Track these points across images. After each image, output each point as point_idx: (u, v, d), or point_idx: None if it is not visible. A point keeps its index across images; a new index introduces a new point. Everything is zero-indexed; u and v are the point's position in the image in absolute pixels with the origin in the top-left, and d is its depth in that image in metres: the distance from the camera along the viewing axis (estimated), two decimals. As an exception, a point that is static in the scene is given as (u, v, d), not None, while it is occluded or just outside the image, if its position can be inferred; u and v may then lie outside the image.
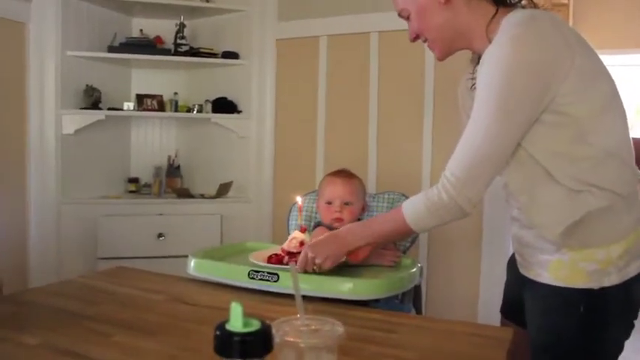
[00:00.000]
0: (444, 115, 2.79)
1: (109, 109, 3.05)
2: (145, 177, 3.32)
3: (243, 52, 3.16)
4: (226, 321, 0.67)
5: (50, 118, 2.86)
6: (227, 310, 1.24)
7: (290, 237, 1.42)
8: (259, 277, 1.37)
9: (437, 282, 2.76)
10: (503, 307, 1.48)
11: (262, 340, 0.65)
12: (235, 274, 1.41)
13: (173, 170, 3.31)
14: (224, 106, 3.18)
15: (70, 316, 1.19)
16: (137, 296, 1.35)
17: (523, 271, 1.28)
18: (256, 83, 3.15)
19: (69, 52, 2.91)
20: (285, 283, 1.35)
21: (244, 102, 3.19)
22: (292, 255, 1.38)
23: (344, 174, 1.79)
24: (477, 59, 1.34)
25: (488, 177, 1.16)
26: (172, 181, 3.27)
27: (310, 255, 1.32)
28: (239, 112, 3.20)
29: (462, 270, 2.74)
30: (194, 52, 3.12)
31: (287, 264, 1.38)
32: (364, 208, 1.80)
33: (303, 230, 1.41)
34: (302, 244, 1.38)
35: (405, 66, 2.86)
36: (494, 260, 2.68)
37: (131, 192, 3.25)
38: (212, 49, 3.16)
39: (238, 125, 3.17)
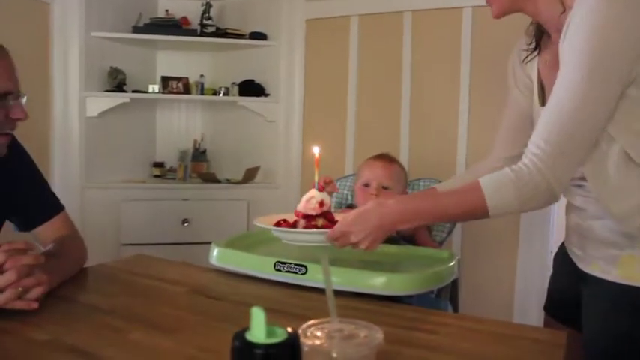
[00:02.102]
0: (480, 98, 2.65)
1: (134, 91, 2.98)
2: (170, 161, 3.26)
3: (271, 33, 3.05)
4: (246, 329, 0.57)
5: (74, 101, 2.81)
6: (249, 305, 1.14)
7: (306, 196, 1.16)
8: (286, 268, 1.27)
9: (470, 277, 2.64)
10: (548, 305, 1.35)
11: (289, 352, 0.55)
12: (260, 265, 1.31)
13: (199, 155, 3.23)
14: (251, 89, 3.08)
15: (84, 310, 1.11)
16: (156, 287, 1.27)
17: (583, 266, 1.15)
18: (285, 65, 3.04)
19: (93, 33, 2.84)
20: (314, 276, 1.25)
21: (272, 85, 3.09)
22: (310, 218, 1.14)
23: (385, 158, 1.70)
24: (533, 30, 1.22)
25: (582, 151, 1.00)
26: (198, 165, 3.19)
27: (344, 229, 1.05)
28: (267, 95, 3.10)
29: (498, 264, 2.61)
30: (221, 33, 3.02)
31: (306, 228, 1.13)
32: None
33: (321, 188, 1.16)
34: (322, 204, 1.14)
35: (439, 47, 2.72)
36: (532, 255, 2.54)
37: (156, 177, 3.18)
38: (239, 30, 3.06)
39: (266, 109, 3.07)
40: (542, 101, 1.19)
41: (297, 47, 3.02)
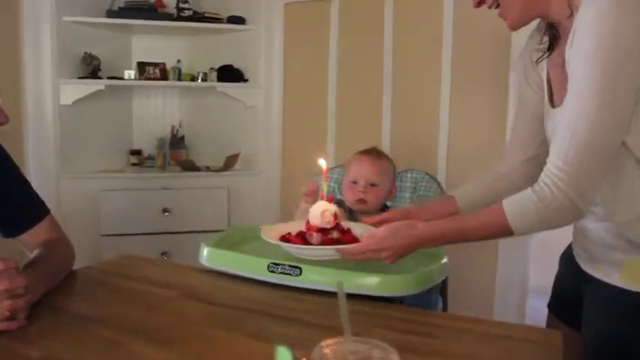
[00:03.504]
0: (462, 83, 2.64)
1: (109, 78, 2.90)
2: (148, 149, 3.19)
3: (249, 17, 2.99)
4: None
5: (47, 89, 2.72)
6: (246, 309, 1.13)
7: (317, 210, 1.19)
8: (280, 270, 1.25)
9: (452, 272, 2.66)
10: (553, 304, 1.36)
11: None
12: (253, 266, 1.29)
13: (177, 142, 3.17)
14: (230, 74, 3.02)
15: (75, 320, 1.07)
16: (147, 292, 1.24)
17: (587, 267, 1.16)
18: (264, 50, 2.99)
19: (65, 18, 2.74)
20: (308, 277, 1.23)
21: (251, 70, 3.04)
22: (326, 232, 1.19)
23: (373, 153, 1.67)
24: (544, 28, 1.20)
25: (603, 164, 0.99)
26: (176, 153, 3.14)
27: (374, 247, 1.12)
28: (245, 80, 3.05)
29: (479, 256, 2.63)
30: (198, 17, 2.95)
31: (325, 243, 1.19)
32: (392, 192, 1.68)
33: (330, 200, 1.22)
34: (336, 216, 1.19)
35: (421, 31, 2.70)
36: (512, 252, 2.56)
37: (133, 164, 3.12)
38: (217, 14, 2.99)
39: (245, 94, 3.02)
40: (552, 103, 1.18)
41: (277, 31, 2.97)
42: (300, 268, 1.24)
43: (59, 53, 2.74)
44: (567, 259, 1.29)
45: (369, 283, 1.22)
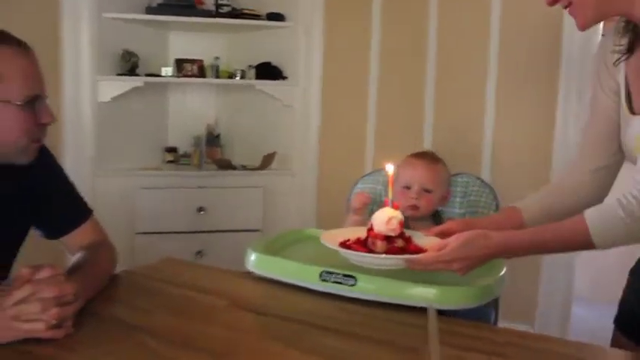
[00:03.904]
0: (509, 83, 2.55)
1: (147, 74, 2.87)
2: (183, 146, 3.16)
3: (289, 14, 2.93)
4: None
5: (86, 85, 2.70)
6: (299, 322, 1.07)
7: (383, 216, 1.12)
8: (333, 279, 1.19)
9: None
10: (620, 320, 1.27)
11: None
12: (305, 274, 1.23)
13: (213, 140, 3.14)
14: (268, 71, 2.97)
15: (121, 329, 1.02)
16: (195, 300, 1.18)
17: None
18: (303, 47, 2.93)
19: (105, 14, 2.72)
20: (363, 288, 1.16)
21: (290, 68, 2.98)
22: (391, 240, 1.12)
23: (428, 157, 1.60)
24: (623, 29, 1.11)
25: None
26: (212, 151, 3.10)
27: (447, 258, 1.06)
28: (284, 78, 2.99)
29: (522, 267, 2.53)
30: (236, 14, 2.91)
31: (390, 252, 1.13)
32: (446, 198, 1.60)
33: (396, 207, 1.15)
34: (402, 224, 1.13)
35: (467, 26, 2.61)
36: (556, 259, 2.45)
37: (169, 162, 3.09)
38: (255, 10, 2.94)
39: (283, 92, 2.97)
40: (631, 109, 1.09)
41: (316, 28, 2.90)
42: (354, 278, 1.17)
43: (98, 50, 2.72)
44: (639, 274, 1.20)
45: (428, 295, 1.14)
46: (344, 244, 1.18)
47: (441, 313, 1.17)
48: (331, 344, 0.99)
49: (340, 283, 1.19)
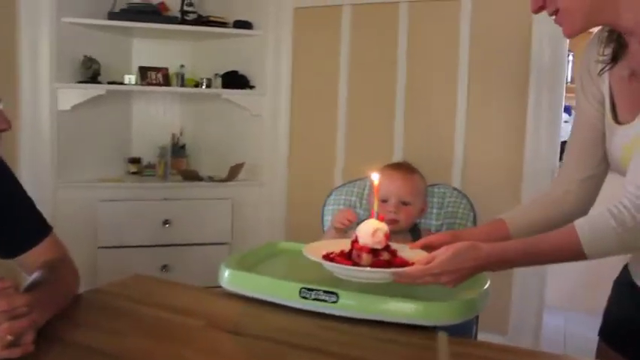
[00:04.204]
0: (480, 92, 2.55)
1: (109, 82, 2.77)
2: (147, 157, 3.06)
3: (257, 22, 2.88)
4: None
5: (44, 93, 2.59)
6: (281, 342, 1.01)
7: (369, 228, 1.08)
8: (313, 296, 1.13)
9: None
10: (604, 330, 1.26)
11: None
12: (283, 291, 1.17)
13: (178, 150, 3.05)
14: (235, 80, 2.91)
15: (88, 354, 0.95)
16: (169, 321, 1.11)
17: None
18: (271, 56, 2.88)
19: (64, 19, 2.61)
20: (345, 305, 1.11)
21: (258, 77, 2.93)
22: (377, 253, 1.07)
23: (404, 168, 1.55)
24: (606, 38, 1.09)
25: None
26: (177, 161, 3.01)
27: (436, 271, 1.02)
28: (251, 87, 2.93)
29: (494, 277, 2.53)
30: (203, 21, 2.84)
31: (376, 265, 1.09)
32: (424, 210, 1.56)
33: (381, 219, 1.12)
34: (387, 237, 1.09)
35: (437, 40, 2.61)
36: (528, 269, 2.45)
37: (132, 173, 2.99)
38: (222, 18, 2.88)
39: (251, 102, 2.91)
40: (616, 119, 1.07)
41: (285, 37, 2.86)
42: (336, 294, 1.12)
43: (57, 56, 2.61)
44: (624, 284, 1.19)
45: (412, 311, 1.10)
46: (327, 257, 1.13)
47: (424, 328, 1.14)
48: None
49: (321, 300, 1.13)
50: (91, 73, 2.72)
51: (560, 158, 2.53)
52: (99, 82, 2.73)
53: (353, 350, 1.00)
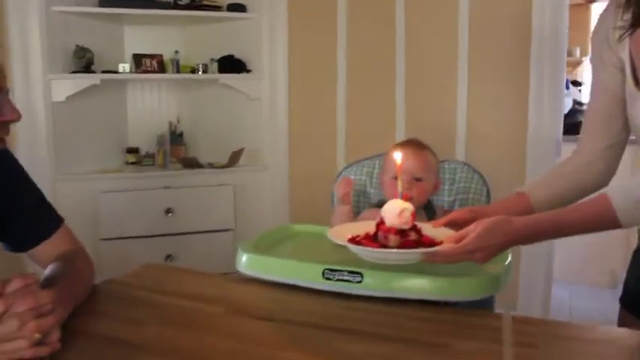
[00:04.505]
0: (480, 69, 2.52)
1: (104, 72, 2.71)
2: (145, 146, 3.01)
3: (250, 4, 2.83)
4: None
5: (38, 85, 2.53)
6: (308, 325, 0.99)
7: (395, 209, 1.04)
8: (337, 277, 1.11)
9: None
10: (625, 298, 1.25)
11: None
12: (306, 273, 1.14)
13: (175, 138, 3.00)
14: (232, 65, 2.86)
15: (116, 347, 0.92)
16: (188, 309, 1.08)
17: None
18: (267, 38, 2.83)
19: (54, 7, 2.55)
20: (370, 285, 1.09)
21: (254, 60, 2.87)
22: (404, 233, 1.04)
23: (414, 144, 1.53)
24: (625, 4, 1.06)
25: None
26: (175, 149, 2.97)
27: (470, 248, 1.00)
28: (248, 71, 2.88)
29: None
30: (196, 6, 2.77)
31: (404, 246, 1.05)
32: (437, 186, 1.54)
33: (406, 198, 1.08)
34: (414, 216, 1.05)
35: (435, 12, 2.56)
36: (535, 245, 2.45)
37: (130, 163, 2.94)
38: (216, 2, 2.82)
39: (248, 86, 2.86)
40: (638, 84, 1.05)
41: (280, 18, 2.81)
42: (360, 274, 1.10)
43: (49, 46, 2.54)
44: None
45: (439, 287, 1.08)
46: (353, 241, 1.10)
47: (445, 304, 1.12)
48: (355, 348, 0.91)
49: (345, 280, 1.11)
50: (84, 62, 2.66)
51: (565, 130, 2.52)
52: (93, 72, 2.67)
53: (391, 331, 0.98)
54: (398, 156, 1.13)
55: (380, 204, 1.49)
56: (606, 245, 3.23)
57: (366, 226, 1.12)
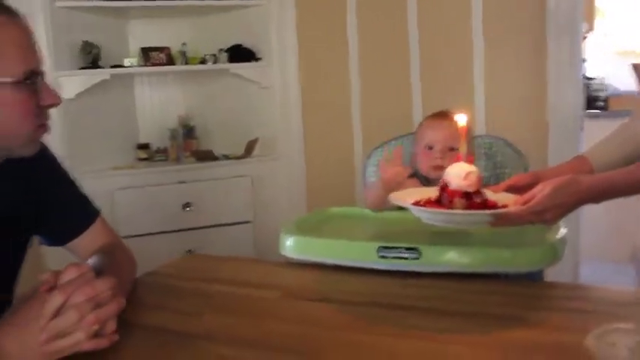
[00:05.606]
0: (496, 45, 2.47)
1: (113, 67, 2.66)
2: (156, 142, 2.96)
3: (257, -9, 2.76)
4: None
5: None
6: (366, 304, 0.94)
7: (460, 171, 1.00)
8: (393, 254, 1.07)
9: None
10: None
11: None
12: (359, 252, 1.10)
13: (187, 131, 2.94)
14: (240, 54, 2.80)
15: (173, 336, 0.87)
16: (243, 296, 1.04)
17: None
18: (275, 26, 2.76)
19: (58, 3, 2.48)
20: (429, 260, 1.05)
21: (263, 48, 2.81)
22: (470, 196, 0.99)
23: (446, 115, 1.49)
24: None
25: None
26: (188, 143, 2.91)
27: (539, 209, 0.95)
28: (257, 59, 2.82)
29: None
30: (202, -5, 2.71)
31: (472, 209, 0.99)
32: (471, 159, 1.50)
33: (470, 160, 1.04)
34: (480, 179, 1.01)
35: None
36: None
37: (142, 159, 2.89)
38: (222, -10, 2.76)
39: (259, 75, 2.80)
40: None
41: (288, 4, 2.74)
42: (418, 250, 1.05)
43: (54, 43, 2.48)
44: None
45: (502, 258, 1.05)
46: (417, 205, 1.04)
47: (496, 276, 1.08)
48: (426, 324, 0.88)
49: (402, 257, 1.06)
50: (91, 58, 2.60)
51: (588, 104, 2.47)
52: (101, 67, 2.61)
53: (457, 306, 0.95)
54: (462, 118, 1.08)
55: (413, 175, 1.45)
56: (626, 220, 3.20)
57: (427, 193, 1.07)
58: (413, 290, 1.02)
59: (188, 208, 2.66)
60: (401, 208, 1.09)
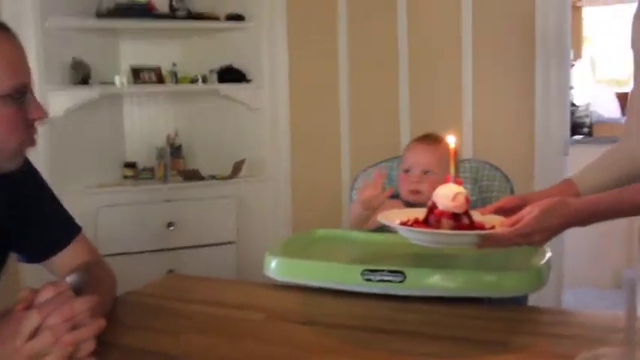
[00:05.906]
0: (485, 66, 2.50)
1: (102, 83, 2.65)
2: (142, 160, 2.94)
3: (249, 14, 2.78)
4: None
5: (35, 99, 2.45)
6: (352, 327, 0.93)
7: (449, 192, 1.00)
8: (378, 277, 1.06)
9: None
10: None
11: None
12: (343, 275, 1.09)
13: (174, 151, 2.93)
14: (231, 75, 2.81)
15: (157, 358, 0.86)
16: (225, 317, 1.03)
17: None
18: (266, 48, 2.78)
19: (50, 21, 2.48)
20: (414, 283, 1.04)
21: (254, 70, 2.83)
22: (458, 217, 0.99)
23: (428, 138, 1.52)
24: None
25: None
26: (175, 162, 2.90)
27: (528, 231, 0.96)
28: (248, 81, 2.83)
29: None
30: (193, 17, 2.73)
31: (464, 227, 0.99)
32: (459, 180, 1.50)
33: (459, 182, 1.05)
34: (468, 201, 1.01)
35: (438, 11, 2.54)
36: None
37: (128, 177, 2.86)
38: (213, 12, 2.77)
39: (248, 96, 2.81)
40: None
41: (279, 27, 2.76)
42: (403, 273, 1.04)
43: (45, 60, 2.47)
44: None
45: (488, 283, 1.04)
46: (404, 225, 1.04)
47: (480, 300, 1.07)
48: (409, 349, 0.86)
49: (386, 280, 1.06)
50: (80, 76, 2.59)
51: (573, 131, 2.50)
52: (90, 85, 2.60)
53: (439, 330, 0.94)
54: (452, 139, 1.09)
55: (394, 196, 1.46)
56: (608, 245, 3.22)
57: (415, 213, 1.06)
58: (398, 314, 1.01)
59: (172, 227, 2.64)
60: (384, 228, 1.09)
